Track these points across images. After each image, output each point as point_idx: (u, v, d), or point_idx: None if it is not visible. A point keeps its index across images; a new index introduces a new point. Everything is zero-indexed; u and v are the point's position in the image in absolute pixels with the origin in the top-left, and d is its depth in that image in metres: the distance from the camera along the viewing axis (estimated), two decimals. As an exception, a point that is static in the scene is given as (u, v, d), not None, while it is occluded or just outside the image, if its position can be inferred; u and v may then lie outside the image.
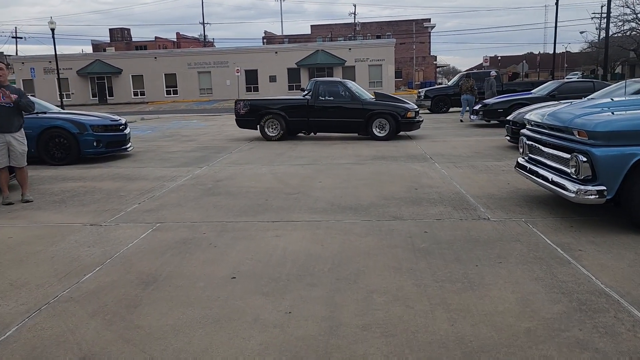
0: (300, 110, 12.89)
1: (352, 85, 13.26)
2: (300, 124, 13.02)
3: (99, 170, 8.90)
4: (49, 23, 26.52)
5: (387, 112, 12.41)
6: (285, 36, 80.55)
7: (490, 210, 5.51)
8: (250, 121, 13.31)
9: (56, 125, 9.51)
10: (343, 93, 12.76)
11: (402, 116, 12.38)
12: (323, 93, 12.86)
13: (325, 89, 12.90)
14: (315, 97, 12.84)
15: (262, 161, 9.55)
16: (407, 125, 12.56)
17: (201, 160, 9.84)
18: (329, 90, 12.85)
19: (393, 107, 12.54)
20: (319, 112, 12.76)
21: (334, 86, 12.95)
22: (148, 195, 6.72)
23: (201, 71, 48.27)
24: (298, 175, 7.97)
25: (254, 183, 7.40)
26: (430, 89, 23.08)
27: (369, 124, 12.45)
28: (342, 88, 12.86)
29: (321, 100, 12.80)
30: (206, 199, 6.41)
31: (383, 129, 12.44)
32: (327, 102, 12.76)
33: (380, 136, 12.41)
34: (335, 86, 12.96)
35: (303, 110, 12.87)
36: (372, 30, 76.22)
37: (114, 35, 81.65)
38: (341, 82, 13.15)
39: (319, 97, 12.83)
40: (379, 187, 6.88)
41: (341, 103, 12.69)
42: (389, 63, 46.58)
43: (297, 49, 48.10)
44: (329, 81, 13.26)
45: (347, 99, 12.69)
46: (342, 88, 12.86)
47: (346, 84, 13.01)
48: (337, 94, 12.80)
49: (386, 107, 12.49)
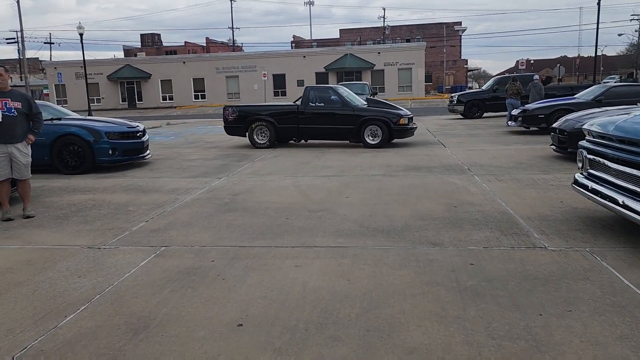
0: (290, 116, 12.40)
1: (344, 91, 12.73)
2: (290, 131, 12.52)
3: (113, 181, 8.40)
4: (77, 28, 26.62)
5: (378, 119, 11.85)
6: (314, 40, 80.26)
7: (546, 237, 4.70)
8: (238, 128, 12.83)
9: (70, 133, 9.07)
10: (334, 99, 12.24)
11: (394, 123, 11.81)
12: (313, 99, 12.35)
13: (316, 95, 12.38)
14: (306, 103, 12.34)
15: (285, 171, 8.90)
16: (399, 132, 11.95)
17: (221, 170, 9.25)
18: (320, 96, 12.35)
19: (385, 113, 11.95)
20: (309, 119, 12.26)
21: (325, 92, 12.46)
22: (158, 211, 6.14)
23: (229, 75, 48.20)
24: (323, 188, 7.29)
25: (275, 197, 6.74)
26: (463, 94, 22.10)
27: (360, 130, 11.91)
28: (332, 94, 12.34)
29: (311, 107, 12.29)
30: (220, 217, 5.78)
31: (375, 136, 11.89)
32: (317, 108, 12.24)
33: (372, 144, 11.85)
34: (326, 92, 12.46)
35: (293, 116, 12.38)
36: (402, 33, 75.21)
37: (145, 41, 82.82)
38: (332, 87, 12.66)
39: (309, 104, 12.32)
40: (414, 204, 6.13)
41: (331, 109, 12.16)
42: (419, 67, 45.57)
43: (326, 53, 47.58)
44: (320, 87, 12.84)
45: (338, 105, 12.16)
46: (332, 94, 12.34)
47: (337, 90, 12.48)
48: (328, 100, 12.28)
49: (378, 114, 11.93)
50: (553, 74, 52.73)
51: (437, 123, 19.27)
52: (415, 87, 45.86)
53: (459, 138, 13.50)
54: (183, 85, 49.03)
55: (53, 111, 10.28)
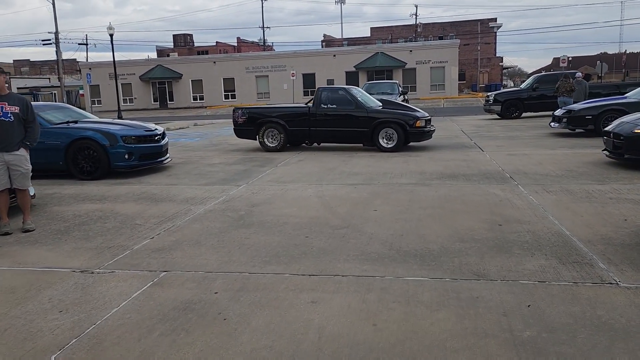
0: (302, 119, 11.84)
1: (357, 91, 12.11)
2: (301, 134, 11.96)
3: (126, 188, 7.92)
4: (107, 29, 26.66)
5: (394, 121, 11.19)
6: (345, 39, 79.45)
7: (615, 267, 3.91)
8: (249, 131, 12.29)
9: (85, 136, 8.65)
10: (347, 100, 11.60)
11: (410, 125, 11.13)
12: (326, 101, 11.74)
13: (328, 96, 11.76)
14: (317, 105, 11.75)
15: (309, 178, 8.26)
16: (416, 135, 11.30)
17: (241, 176, 8.68)
18: (332, 98, 11.73)
19: (401, 115, 11.27)
20: (321, 121, 11.69)
21: (337, 93, 11.80)
22: (167, 225, 5.58)
23: (259, 75, 47.95)
24: (349, 199, 6.61)
25: (295, 210, 6.10)
26: (500, 93, 21.01)
27: (374, 133, 11.28)
28: (345, 95, 11.67)
29: (323, 109, 11.68)
30: (233, 234, 5.18)
31: (390, 139, 11.24)
32: (330, 110, 11.64)
33: (387, 147, 11.22)
34: (339, 93, 11.79)
35: (304, 119, 11.81)
36: (434, 31, 73.64)
37: (177, 41, 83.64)
38: (345, 88, 11.96)
39: (321, 105, 11.73)
40: (451, 221, 5.39)
41: (345, 111, 11.53)
42: (452, 65, 44.29)
43: (356, 51, 46.77)
44: (332, 88, 12.15)
45: (351, 106, 11.52)
46: (345, 95, 11.67)
47: (350, 91, 11.80)
48: (341, 101, 11.64)
49: (393, 116, 11.26)
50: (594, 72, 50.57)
51: (473, 124, 18.30)
52: (448, 86, 44.61)
53: (497, 141, 12.59)
54: (213, 85, 49.06)
55: (71, 113, 9.92)
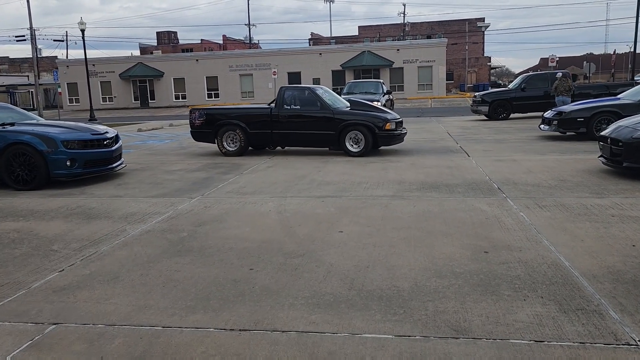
0: (263, 121, 11.02)
1: (323, 91, 11.27)
2: (263, 137, 11.13)
3: (62, 201, 6.93)
4: (78, 24, 25.42)
5: (361, 124, 10.37)
6: (332, 38, 78.56)
7: (631, 318, 3.05)
8: (206, 133, 11.41)
9: (20, 141, 7.64)
10: (311, 101, 10.81)
11: (379, 128, 10.31)
12: (289, 101, 10.94)
13: (292, 96, 10.98)
14: (280, 105, 10.95)
15: (273, 189, 7.34)
16: (386, 138, 10.46)
17: (199, 186, 7.74)
18: (296, 98, 10.96)
19: (369, 117, 10.46)
20: (283, 124, 10.88)
21: (302, 93, 11.01)
22: (88, 252, 4.63)
23: (243, 74, 46.91)
24: (313, 216, 5.70)
25: (247, 231, 5.18)
26: (488, 93, 20.24)
27: (341, 137, 10.50)
28: (310, 95, 10.89)
29: (286, 110, 10.89)
30: (163, 264, 4.24)
31: (358, 143, 10.46)
32: (293, 111, 10.85)
33: (354, 152, 10.44)
34: (303, 93, 11.00)
35: (266, 121, 10.99)
36: (422, 30, 73.06)
37: (161, 39, 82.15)
38: (309, 88, 11.14)
39: (283, 106, 10.92)
40: (428, 246, 4.51)
41: (309, 112, 10.74)
42: (439, 64, 43.63)
43: (343, 50, 45.90)
44: (296, 87, 11.35)
45: (316, 107, 10.72)
46: (310, 95, 10.89)
47: (315, 90, 10.99)
48: (305, 102, 10.87)
49: (361, 118, 10.45)
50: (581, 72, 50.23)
51: (459, 125, 17.50)
52: (435, 86, 43.95)
53: (484, 144, 11.76)
54: (196, 83, 47.91)
55: (11, 114, 8.91)
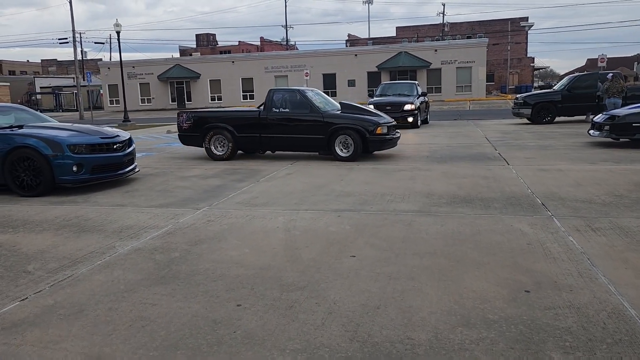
0: (251, 124, 10.71)
1: (313, 94, 10.89)
2: (251, 140, 10.81)
3: (62, 210, 6.47)
4: (114, 26, 25.56)
5: (351, 127, 10.01)
6: (369, 39, 77.55)
7: None
8: (194, 137, 11.01)
9: (26, 145, 7.25)
10: (301, 104, 10.46)
11: (370, 132, 9.96)
12: (278, 104, 10.56)
13: (281, 99, 10.59)
14: (269, 108, 10.60)
15: (287, 200, 6.67)
16: (376, 143, 10.13)
17: (209, 195, 7.16)
18: (285, 101, 10.59)
19: (359, 121, 10.07)
20: (272, 127, 10.55)
21: (291, 95, 10.62)
22: (63, 275, 4.08)
23: (278, 75, 46.62)
24: (325, 236, 4.99)
25: (246, 253, 4.53)
26: (530, 95, 19.03)
27: (330, 141, 10.15)
28: (300, 97, 10.51)
29: (275, 113, 10.55)
30: (140, 294, 3.64)
31: (347, 147, 10.13)
32: (282, 114, 10.51)
33: (343, 156, 10.13)
34: (292, 95, 10.61)
35: (254, 124, 10.68)
36: (462, 30, 71.17)
37: (200, 41, 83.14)
38: (299, 90, 10.75)
39: (272, 109, 10.58)
40: (455, 281, 3.73)
41: (298, 116, 10.41)
42: (479, 65, 42.10)
43: (379, 51, 44.96)
44: (285, 90, 10.93)
45: (306, 110, 10.39)
46: (300, 97, 10.51)
47: (305, 93, 10.62)
48: (294, 104, 10.52)
49: (351, 121, 10.07)
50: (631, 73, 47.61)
51: (499, 129, 16.43)
52: (475, 87, 42.44)
53: (526, 151, 10.77)
54: (232, 85, 47.94)
55: (24, 116, 8.59)
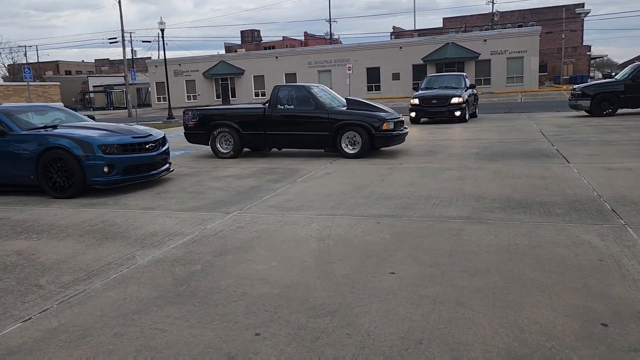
0: (256, 121, 10.56)
1: (319, 90, 10.72)
2: (256, 138, 10.67)
3: (90, 213, 6.24)
4: (158, 24, 25.82)
5: (357, 124, 9.79)
6: (415, 31, 75.89)
7: None
8: (199, 135, 10.84)
9: (58, 145, 7.09)
10: (306, 100, 10.27)
11: (376, 128, 9.73)
12: (283, 101, 10.39)
13: (286, 96, 10.42)
14: (274, 105, 10.45)
15: (324, 204, 6.19)
16: (383, 139, 9.86)
17: (242, 197, 6.78)
18: (290, 97, 10.42)
19: (365, 117, 9.85)
20: (277, 124, 10.40)
21: (296, 92, 10.45)
22: (74, 290, 3.76)
23: (321, 70, 46.22)
24: (362, 246, 4.49)
25: (273, 267, 4.08)
26: (589, 85, 17.72)
27: (336, 137, 9.96)
28: (304, 94, 10.33)
29: (280, 110, 10.38)
30: (151, 316, 3.25)
31: (354, 144, 9.93)
32: (287, 111, 10.34)
33: (350, 153, 9.92)
34: (297, 92, 10.44)
35: (259, 121, 10.54)
36: (513, 19, 68.53)
37: (245, 37, 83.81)
38: (304, 86, 10.57)
39: (277, 106, 10.42)
40: (513, 308, 3.15)
41: (303, 112, 10.23)
42: (532, 55, 40.20)
43: (424, 42, 43.72)
44: (290, 86, 10.81)
45: (311, 107, 10.20)
46: (304, 94, 10.33)
47: (310, 89, 10.44)
48: (299, 101, 10.33)
49: (356, 118, 9.86)
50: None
51: (555, 122, 15.35)
52: (527, 78, 40.58)
53: (587, 147, 9.86)
54: (275, 80, 47.74)
55: (59, 115, 8.49)
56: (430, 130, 15.02)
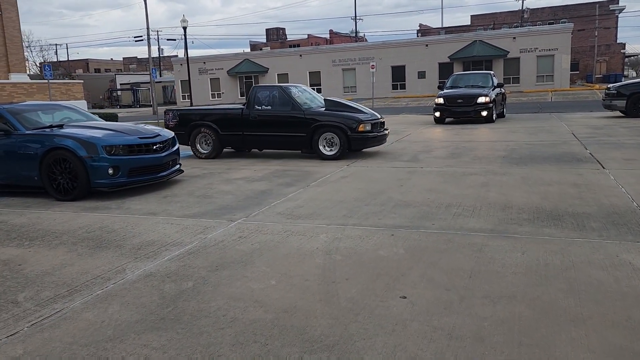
0: (234, 122, 10.44)
1: (297, 90, 10.56)
2: (234, 139, 10.56)
3: (91, 218, 5.95)
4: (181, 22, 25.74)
5: (333, 125, 9.59)
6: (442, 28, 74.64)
7: None
8: (180, 135, 10.33)
9: (61, 146, 6.83)
10: (283, 101, 10.12)
11: (352, 129, 9.48)
12: (260, 101, 10.28)
13: (263, 96, 10.30)
14: (251, 106, 10.33)
15: (336, 210, 5.77)
16: (359, 141, 9.60)
17: (250, 202, 6.41)
18: (267, 98, 10.29)
19: (341, 118, 9.64)
20: (254, 125, 10.27)
21: (273, 92, 10.32)
22: (50, 310, 3.43)
23: (345, 68, 45.66)
24: (372, 262, 4.05)
25: (272, 284, 3.68)
26: (625, 85, 16.82)
27: (314, 139, 9.76)
28: (282, 94, 10.19)
29: (257, 110, 10.26)
30: (127, 345, 2.88)
31: (332, 145, 9.71)
32: (264, 112, 10.21)
33: (328, 155, 9.71)
34: (274, 92, 10.29)
35: (237, 122, 10.41)
36: (544, 16, 66.75)
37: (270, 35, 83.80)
38: (281, 87, 10.45)
39: (255, 107, 10.29)
40: (543, 347, 2.68)
41: (280, 113, 10.09)
42: (563, 52, 38.88)
43: (451, 40, 42.75)
44: (268, 87, 10.68)
45: (288, 107, 10.05)
46: (282, 94, 10.19)
47: (287, 90, 10.31)
48: (276, 102, 10.19)
49: (332, 119, 9.67)
50: None
51: (588, 124, 14.58)
52: (558, 77, 39.27)
53: (624, 150, 9.18)
54: (299, 79, 47.49)
55: (68, 114, 8.27)
56: (455, 131, 14.42)
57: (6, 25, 25.03)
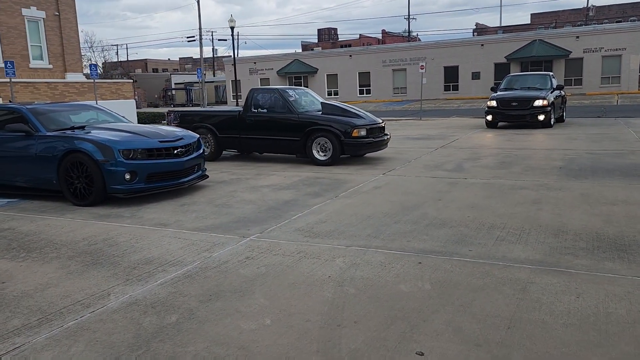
0: (231, 124, 10.38)
1: (294, 93, 10.24)
2: (231, 141, 10.50)
3: (98, 228, 5.58)
4: (228, 21, 25.71)
5: (325, 129, 9.32)
6: (499, 27, 71.89)
7: None
8: None
9: (78, 149, 6.54)
10: (279, 104, 9.92)
11: (345, 134, 9.18)
12: (257, 104, 10.15)
13: (261, 99, 10.14)
14: (248, 108, 10.22)
15: (361, 229, 5.12)
16: (353, 147, 9.30)
17: (270, 215, 5.86)
18: (264, 101, 10.10)
19: (334, 122, 9.33)
20: (250, 128, 10.16)
21: (270, 95, 10.10)
22: (9, 345, 2.99)
23: (396, 69, 44.59)
24: (389, 300, 3.39)
25: (266, 325, 3.10)
26: None
27: (307, 143, 9.52)
28: (278, 97, 9.97)
29: (253, 113, 10.14)
30: (72, 403, 2.39)
31: (325, 150, 9.46)
32: (260, 114, 10.07)
33: (321, 160, 9.45)
34: (271, 95, 10.08)
35: (234, 124, 10.34)
36: (611, 14, 63.01)
37: (322, 36, 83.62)
38: (278, 90, 10.16)
39: (251, 109, 10.17)
40: None
41: (275, 116, 9.89)
42: (631, 52, 36.26)
43: (508, 39, 40.84)
44: (265, 89, 10.42)
45: (283, 110, 9.86)
46: (278, 97, 9.97)
47: (284, 93, 10.05)
48: (273, 104, 10.00)
49: (325, 122, 9.38)
50: None
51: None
52: (625, 79, 36.70)
53: None
54: (348, 79, 46.94)
55: (93, 115, 8.05)
56: (508, 137, 13.38)
57: (64, 27, 25.80)
